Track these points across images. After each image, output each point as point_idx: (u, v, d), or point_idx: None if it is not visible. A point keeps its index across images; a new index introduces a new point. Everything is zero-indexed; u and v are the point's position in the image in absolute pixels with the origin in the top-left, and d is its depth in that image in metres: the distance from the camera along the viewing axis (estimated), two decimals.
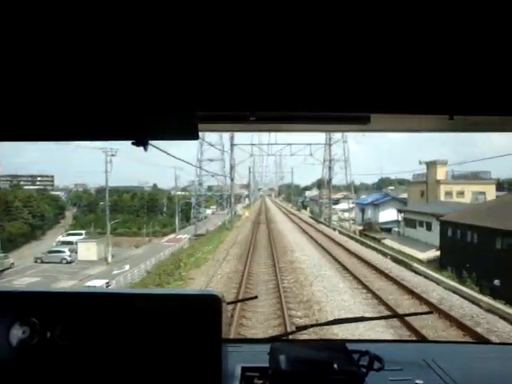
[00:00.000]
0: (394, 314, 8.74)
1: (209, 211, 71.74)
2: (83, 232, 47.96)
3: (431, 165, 37.86)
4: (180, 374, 1.15)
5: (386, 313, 10.14)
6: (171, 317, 1.17)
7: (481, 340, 7.88)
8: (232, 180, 43.11)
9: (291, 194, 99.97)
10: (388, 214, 42.54)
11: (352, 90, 0.92)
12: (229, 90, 0.91)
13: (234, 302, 9.53)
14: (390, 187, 68.41)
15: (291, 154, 41.69)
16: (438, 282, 14.42)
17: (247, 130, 2.59)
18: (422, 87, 0.92)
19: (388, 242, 32.29)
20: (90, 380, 1.16)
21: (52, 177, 78.52)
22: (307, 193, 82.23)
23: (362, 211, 48.24)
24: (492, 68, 0.90)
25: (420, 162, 38.50)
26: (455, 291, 12.97)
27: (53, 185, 77.48)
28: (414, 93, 0.92)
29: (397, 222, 39.29)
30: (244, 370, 1.27)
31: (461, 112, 0.96)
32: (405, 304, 11.43)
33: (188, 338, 1.15)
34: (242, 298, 10.63)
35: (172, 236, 49.44)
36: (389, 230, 39.68)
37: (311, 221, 45.16)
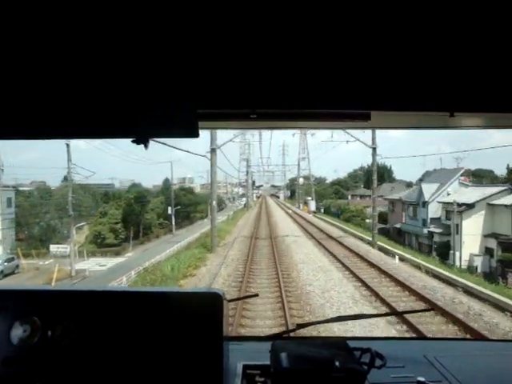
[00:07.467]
0: (394, 312, 9.02)
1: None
2: None
3: None
4: (182, 372, 1.15)
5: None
6: (173, 315, 1.17)
7: (482, 337, 7.90)
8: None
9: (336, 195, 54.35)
10: None
11: (352, 88, 0.92)
12: (230, 88, 0.91)
13: (236, 300, 9.55)
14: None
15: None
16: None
17: (248, 128, 2.59)
18: (422, 84, 0.92)
19: None
20: (92, 379, 1.16)
21: None
22: (425, 188, 34.34)
23: None
24: (492, 65, 0.89)
25: None
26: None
27: None
28: (414, 90, 0.92)
29: None
30: (245, 367, 1.27)
31: (461, 109, 0.96)
32: None
33: (190, 336, 1.15)
34: (243, 296, 10.65)
35: None
36: None
37: None
